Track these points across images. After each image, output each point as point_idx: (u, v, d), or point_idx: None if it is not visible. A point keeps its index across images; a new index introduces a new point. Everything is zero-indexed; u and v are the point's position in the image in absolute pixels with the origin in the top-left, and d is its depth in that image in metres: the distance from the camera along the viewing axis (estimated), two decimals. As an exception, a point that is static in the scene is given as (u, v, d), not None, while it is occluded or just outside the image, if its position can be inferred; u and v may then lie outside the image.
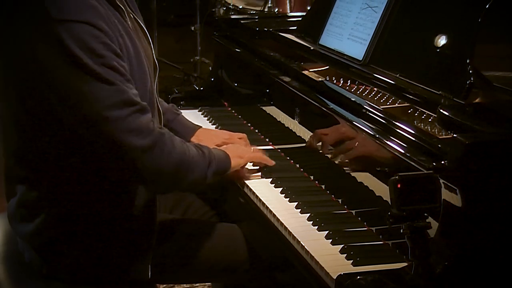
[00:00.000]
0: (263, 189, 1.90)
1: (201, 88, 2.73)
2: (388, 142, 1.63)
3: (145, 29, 1.83)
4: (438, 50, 1.80)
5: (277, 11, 4.14)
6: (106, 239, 1.72)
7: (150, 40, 1.85)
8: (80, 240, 1.71)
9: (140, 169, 1.62)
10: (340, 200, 1.82)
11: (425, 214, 1.34)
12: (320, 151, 1.97)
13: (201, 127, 2.15)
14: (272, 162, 1.95)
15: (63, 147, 1.64)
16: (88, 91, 1.54)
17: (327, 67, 2.18)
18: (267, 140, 2.25)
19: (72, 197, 1.69)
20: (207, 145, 2.01)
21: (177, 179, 1.70)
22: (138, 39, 1.76)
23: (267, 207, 1.80)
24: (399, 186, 1.32)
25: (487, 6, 1.72)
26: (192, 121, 2.25)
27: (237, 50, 2.58)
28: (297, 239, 1.63)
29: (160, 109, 1.87)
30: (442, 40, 1.80)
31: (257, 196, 1.87)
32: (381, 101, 1.85)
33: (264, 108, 2.39)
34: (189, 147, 1.73)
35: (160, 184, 1.71)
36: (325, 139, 1.96)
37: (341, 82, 2.04)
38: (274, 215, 1.76)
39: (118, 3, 1.68)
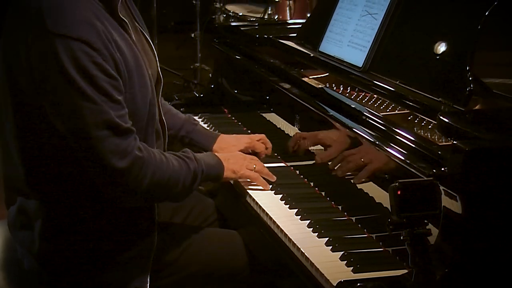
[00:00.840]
0: (263, 196, 1.90)
1: (201, 95, 2.73)
2: (388, 149, 1.63)
3: (151, 42, 1.85)
4: (438, 57, 1.80)
5: (277, 18, 4.15)
6: (105, 247, 1.72)
7: (156, 53, 1.86)
8: (79, 248, 1.71)
9: (114, 189, 1.65)
10: (340, 207, 1.81)
11: (425, 221, 1.34)
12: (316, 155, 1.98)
13: (220, 134, 2.16)
14: (267, 187, 1.93)
15: (60, 157, 1.65)
16: (73, 106, 1.56)
17: (327, 74, 2.18)
18: (267, 146, 2.25)
19: (70, 205, 1.69)
20: (229, 152, 2.05)
21: (156, 197, 1.76)
22: (144, 51, 1.77)
23: (267, 214, 1.80)
24: (399, 192, 1.32)
25: (486, 14, 1.72)
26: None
27: (237, 57, 2.58)
28: (297, 246, 1.63)
29: (164, 120, 1.87)
30: (442, 47, 1.80)
31: (257, 203, 1.87)
32: (381, 108, 1.85)
33: (264, 115, 2.39)
34: (172, 164, 1.73)
35: (138, 202, 1.73)
36: (312, 140, 1.98)
37: (341, 89, 2.04)
38: (274, 221, 1.76)
39: (122, 17, 1.69)
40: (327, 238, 1.64)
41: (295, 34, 2.52)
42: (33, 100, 1.61)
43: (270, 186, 1.94)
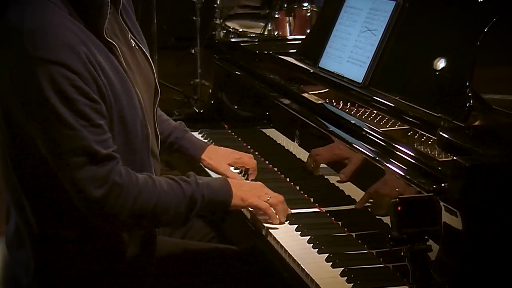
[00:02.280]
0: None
1: (201, 111, 2.73)
2: (388, 165, 1.63)
3: (147, 55, 1.83)
4: (437, 73, 1.81)
5: (277, 34, 4.17)
6: (103, 265, 1.70)
7: (153, 65, 1.86)
8: (76, 268, 1.69)
9: (93, 216, 1.62)
10: (340, 223, 1.81)
11: (426, 237, 1.34)
12: (320, 173, 1.97)
13: (209, 144, 2.15)
14: (276, 221, 1.79)
15: (51, 179, 1.62)
16: (51, 131, 1.55)
17: (327, 89, 2.18)
18: (267, 162, 2.25)
19: (67, 222, 1.67)
20: (218, 164, 2.03)
21: (144, 224, 1.68)
22: (139, 66, 1.76)
23: (267, 229, 1.80)
24: (399, 208, 1.32)
25: (485, 30, 1.73)
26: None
27: (237, 72, 2.59)
28: (297, 262, 1.62)
29: (158, 134, 1.86)
30: (441, 63, 1.81)
31: (257, 218, 1.86)
32: (381, 123, 1.85)
33: (264, 130, 2.39)
34: (160, 189, 1.65)
35: (123, 229, 1.69)
36: (322, 158, 1.97)
37: (341, 104, 2.04)
38: (274, 237, 1.75)
39: (109, 39, 1.66)
40: (327, 254, 1.64)
41: (295, 50, 2.52)
42: (21, 121, 1.59)
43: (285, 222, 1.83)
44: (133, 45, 1.79)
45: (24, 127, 1.60)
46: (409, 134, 1.76)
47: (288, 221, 1.83)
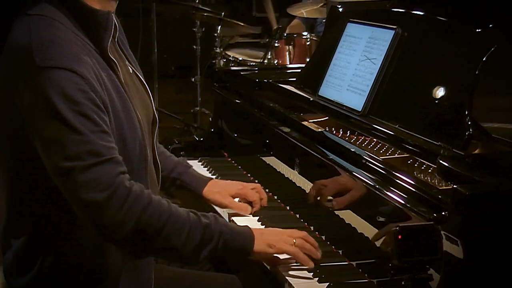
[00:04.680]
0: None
1: (201, 139, 2.74)
2: (388, 193, 1.63)
3: (144, 82, 1.84)
4: (436, 102, 1.81)
5: (276, 63, 4.20)
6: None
7: (150, 93, 1.86)
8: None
9: (92, 224, 1.54)
10: (340, 251, 1.80)
11: (427, 266, 1.33)
12: (319, 200, 1.97)
13: (212, 178, 2.12)
14: (311, 264, 1.69)
15: (53, 198, 1.60)
16: (56, 138, 1.51)
17: (327, 118, 2.19)
18: (267, 190, 2.24)
19: (66, 250, 1.66)
20: (222, 196, 2.01)
21: (150, 245, 1.58)
22: (137, 93, 1.77)
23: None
24: (400, 237, 1.31)
25: (484, 59, 1.74)
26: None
27: (237, 101, 2.60)
28: (297, 291, 1.61)
29: (158, 162, 1.85)
30: (440, 92, 1.82)
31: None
32: (381, 151, 1.85)
33: (264, 158, 2.39)
34: (173, 209, 1.60)
35: (122, 244, 1.59)
36: (325, 190, 1.96)
37: (341, 133, 2.05)
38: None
39: (112, 56, 1.67)
40: (328, 283, 1.63)
41: (294, 79, 2.54)
42: (24, 140, 1.57)
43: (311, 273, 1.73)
44: (131, 72, 1.80)
45: (29, 150, 1.58)
46: (409, 162, 1.76)
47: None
